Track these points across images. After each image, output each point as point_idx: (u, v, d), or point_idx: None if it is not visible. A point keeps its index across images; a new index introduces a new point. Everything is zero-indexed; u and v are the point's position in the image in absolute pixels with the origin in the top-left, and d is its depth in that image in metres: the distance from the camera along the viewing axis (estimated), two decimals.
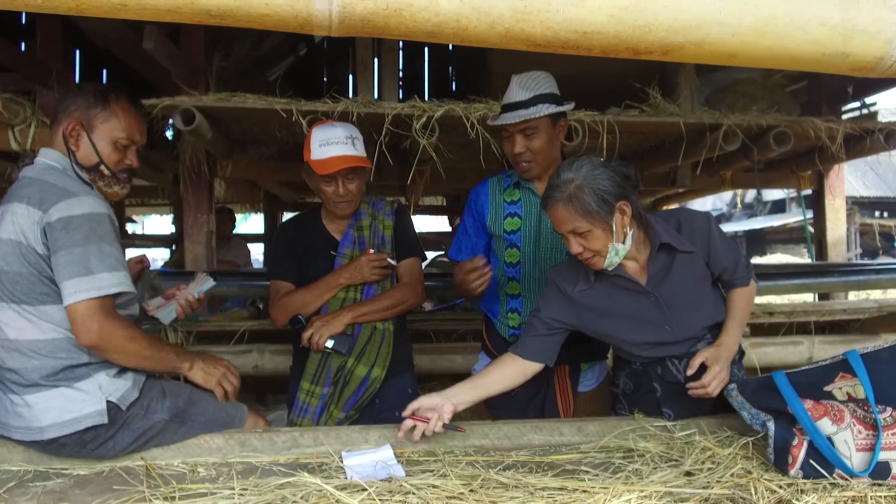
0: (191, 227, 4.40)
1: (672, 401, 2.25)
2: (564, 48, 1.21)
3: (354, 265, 2.59)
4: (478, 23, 1.14)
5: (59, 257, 1.89)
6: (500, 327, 2.65)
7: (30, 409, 1.93)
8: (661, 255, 2.14)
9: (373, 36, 1.19)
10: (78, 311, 1.88)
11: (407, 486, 1.68)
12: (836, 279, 3.85)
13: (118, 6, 1.03)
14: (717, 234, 2.18)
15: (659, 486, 1.67)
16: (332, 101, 3.49)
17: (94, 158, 2.07)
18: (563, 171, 2.03)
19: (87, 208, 1.93)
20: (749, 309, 2.27)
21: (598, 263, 2.08)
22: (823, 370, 1.96)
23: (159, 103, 3.43)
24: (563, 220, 2.03)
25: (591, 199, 1.98)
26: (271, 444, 2.06)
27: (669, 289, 2.15)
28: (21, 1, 1.03)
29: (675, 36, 1.18)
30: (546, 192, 2.07)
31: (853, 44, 1.21)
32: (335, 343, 2.48)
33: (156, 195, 7.94)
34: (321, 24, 1.12)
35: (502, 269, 2.64)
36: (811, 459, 1.78)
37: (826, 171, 5.17)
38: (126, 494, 1.75)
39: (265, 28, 1.14)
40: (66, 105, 2.08)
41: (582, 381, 2.64)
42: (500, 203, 2.63)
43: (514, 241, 2.60)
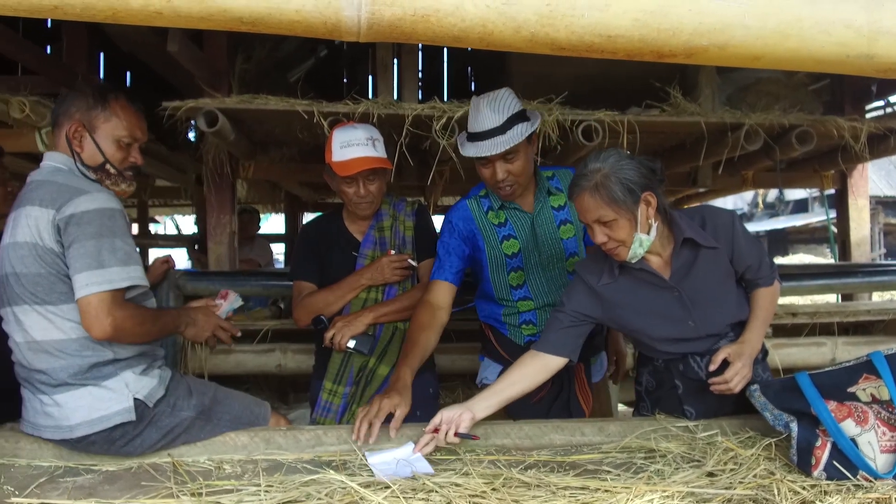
0: (213, 227, 4.44)
1: (694, 398, 2.25)
2: (589, 52, 1.22)
3: (376, 266, 2.61)
4: (503, 27, 1.15)
5: (72, 251, 1.92)
6: (515, 336, 2.60)
7: (59, 409, 1.97)
8: (684, 250, 2.15)
9: (400, 41, 1.21)
10: (91, 303, 1.90)
11: (430, 484, 1.69)
12: (860, 280, 3.80)
13: (154, 14, 1.05)
14: (742, 232, 2.19)
15: (681, 487, 1.68)
16: (352, 103, 3.51)
17: (98, 158, 2.10)
18: (591, 162, 2.05)
19: (99, 203, 1.96)
20: (773, 309, 2.26)
21: (622, 254, 2.09)
22: (847, 371, 1.95)
23: (183, 105, 3.47)
24: (588, 209, 2.04)
25: (617, 188, 2.00)
26: (295, 441, 2.09)
27: (693, 284, 2.16)
28: (61, 9, 1.05)
29: (700, 39, 1.19)
30: (573, 181, 2.07)
31: (878, 46, 1.21)
32: (357, 343, 2.51)
33: (178, 196, 8.02)
34: (350, 31, 1.14)
35: (508, 291, 2.56)
36: (835, 461, 1.77)
37: (849, 170, 5.11)
38: (154, 490, 1.78)
39: (295, 34, 1.16)
40: (65, 107, 2.09)
41: (592, 373, 2.65)
42: (489, 228, 2.53)
43: (516, 264, 2.53)
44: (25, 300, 1.97)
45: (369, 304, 2.63)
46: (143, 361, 2.07)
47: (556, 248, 2.54)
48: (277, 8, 1.08)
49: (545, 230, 2.54)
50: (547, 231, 2.54)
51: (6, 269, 2.00)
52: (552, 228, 2.55)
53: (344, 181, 2.57)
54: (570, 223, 2.57)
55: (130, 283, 1.97)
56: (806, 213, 16.90)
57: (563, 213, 2.57)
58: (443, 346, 3.26)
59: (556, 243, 2.54)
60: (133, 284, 1.98)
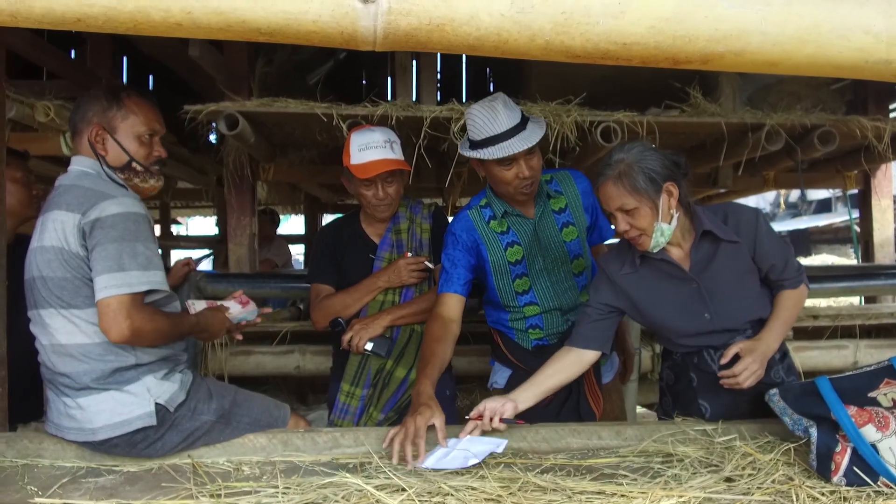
0: (234, 228, 4.48)
1: (708, 392, 2.27)
2: (604, 59, 1.22)
3: (393, 268, 2.63)
4: (518, 36, 1.16)
5: (94, 254, 1.94)
6: (522, 341, 2.60)
7: (82, 412, 2.00)
8: (704, 243, 2.19)
9: (415, 50, 1.22)
10: (110, 305, 1.91)
11: (446, 488, 1.70)
12: (883, 282, 3.74)
13: (174, 26, 1.07)
14: (766, 230, 2.20)
15: (698, 492, 1.67)
16: (371, 105, 3.53)
17: (124, 158, 2.12)
18: (616, 153, 2.12)
19: (123, 208, 1.98)
20: (796, 311, 2.25)
21: (644, 243, 2.13)
22: (868, 376, 1.93)
23: (204, 109, 3.51)
24: (611, 197, 2.10)
25: (640, 177, 2.06)
26: (313, 444, 2.11)
27: (712, 277, 2.19)
28: (84, 22, 1.07)
29: (716, 46, 1.18)
30: (599, 171, 2.13)
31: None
32: (374, 345, 2.52)
33: (200, 197, 8.10)
34: (366, 41, 1.16)
35: (514, 298, 2.56)
36: (855, 467, 1.75)
37: (872, 170, 5.05)
38: (174, 491, 1.80)
39: (312, 44, 1.18)
40: (82, 114, 2.11)
41: (602, 374, 2.64)
42: (492, 236, 2.53)
43: (521, 271, 2.53)
44: (51, 304, 2.00)
45: (386, 306, 2.65)
46: (165, 366, 2.09)
47: (559, 251, 2.55)
48: (295, 19, 1.10)
49: (548, 234, 2.54)
50: (550, 235, 2.54)
51: (33, 273, 2.04)
52: (555, 232, 2.55)
53: (362, 184, 2.59)
54: (573, 225, 2.57)
55: (149, 288, 1.98)
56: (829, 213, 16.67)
57: (564, 216, 2.57)
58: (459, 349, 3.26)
59: (559, 247, 2.54)
60: (152, 289, 2.00)
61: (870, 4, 1.18)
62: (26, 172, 2.76)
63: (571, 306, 2.57)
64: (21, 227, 2.78)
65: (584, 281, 2.60)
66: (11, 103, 3.41)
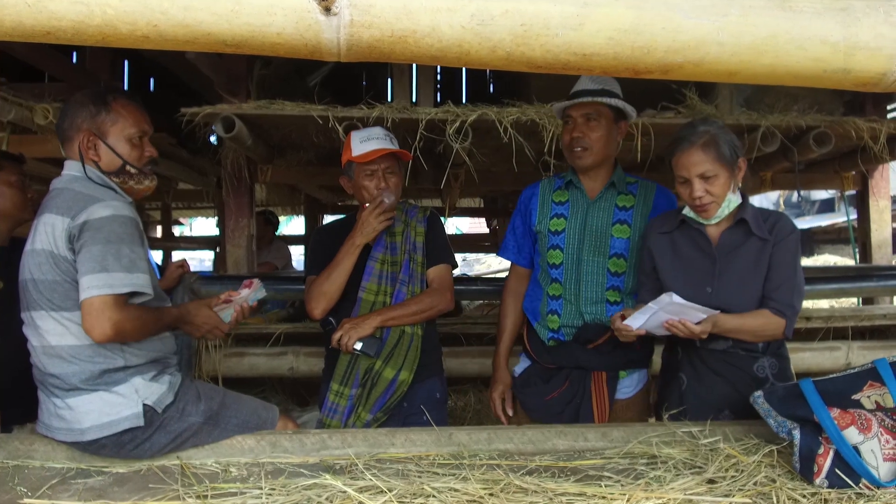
0: (232, 230, 4.51)
1: (688, 366, 2.40)
2: (565, 69, 1.24)
3: (361, 223, 2.63)
4: (479, 47, 1.17)
5: (80, 256, 1.96)
6: (540, 330, 2.65)
7: (71, 412, 2.02)
8: (738, 230, 2.33)
9: (380, 60, 1.24)
10: (93, 305, 1.92)
11: (428, 489, 1.72)
12: (875, 283, 3.75)
13: (141, 38, 1.09)
14: (792, 250, 2.31)
15: (678, 494, 1.68)
16: (367, 108, 3.55)
17: (117, 162, 2.13)
18: (698, 125, 2.27)
19: (111, 211, 1.99)
20: (755, 330, 2.30)
21: (711, 211, 2.28)
22: (852, 378, 1.94)
23: (201, 111, 3.53)
24: (695, 163, 2.22)
25: (725, 147, 2.23)
26: (301, 445, 2.12)
27: (730, 261, 2.31)
28: (53, 35, 1.09)
29: (674, 56, 1.20)
30: (678, 138, 2.26)
31: (855, 60, 1.21)
32: (364, 345, 2.53)
33: (201, 199, 8.12)
34: (330, 52, 1.18)
35: (546, 271, 2.66)
36: (837, 469, 1.76)
37: (870, 171, 5.04)
38: (161, 492, 1.82)
39: (278, 55, 1.19)
40: (71, 121, 2.11)
41: (620, 388, 2.61)
42: (548, 203, 2.68)
43: (557, 242, 2.63)
44: (42, 306, 2.03)
45: (377, 307, 2.66)
46: (153, 368, 2.11)
47: (602, 239, 2.58)
48: (260, 31, 1.11)
49: (598, 219, 2.60)
50: (599, 221, 2.60)
51: (26, 276, 2.06)
52: (606, 221, 2.60)
53: (365, 174, 2.64)
54: (629, 226, 2.59)
55: (132, 289, 1.99)
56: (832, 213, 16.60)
57: (624, 214, 2.60)
58: (452, 350, 3.30)
59: (604, 235, 2.58)
60: (135, 291, 2.00)
61: (827, 14, 1.19)
62: (21, 176, 2.78)
63: (592, 299, 2.58)
64: (17, 231, 2.81)
65: (619, 283, 2.59)
66: (10, 106, 3.45)
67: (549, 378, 2.61)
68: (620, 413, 2.62)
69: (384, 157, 2.64)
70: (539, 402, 2.59)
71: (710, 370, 2.35)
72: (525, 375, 2.70)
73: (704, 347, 2.35)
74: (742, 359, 2.33)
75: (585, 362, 2.55)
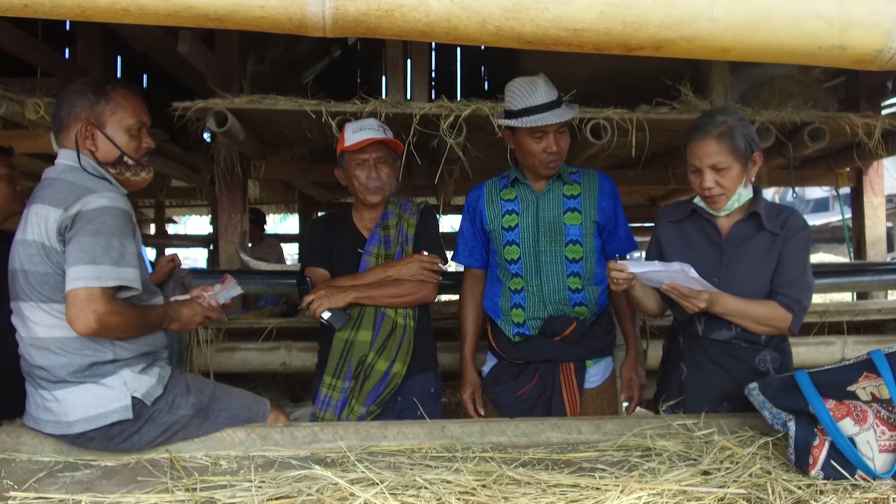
0: (224, 226, 4.48)
1: (688, 355, 2.40)
2: (556, 45, 1.22)
3: (407, 261, 2.64)
4: (468, 21, 1.15)
5: (69, 246, 1.92)
6: (505, 327, 2.66)
7: (59, 405, 1.99)
8: (749, 223, 2.31)
9: (367, 36, 1.21)
10: (78, 296, 1.88)
11: (420, 481, 1.70)
12: (870, 278, 3.74)
13: (120, 11, 1.07)
14: (803, 246, 2.30)
15: (672, 485, 1.66)
16: (360, 102, 3.53)
17: (115, 152, 2.10)
18: (716, 114, 2.25)
19: (104, 202, 1.96)
20: (759, 318, 2.28)
21: (721, 203, 2.27)
22: (847, 369, 1.93)
23: (193, 106, 3.51)
24: (709, 153, 2.21)
25: (741, 140, 2.20)
26: (292, 438, 2.10)
27: (739, 254, 2.30)
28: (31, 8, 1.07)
29: (667, 32, 1.18)
30: (695, 126, 2.25)
31: (850, 37, 1.19)
32: (331, 316, 2.50)
33: (195, 196, 8.10)
34: (315, 26, 1.15)
35: (505, 268, 2.68)
36: (832, 460, 1.75)
37: (865, 167, 5.04)
38: (150, 485, 1.80)
39: (262, 30, 1.17)
40: (68, 109, 2.07)
41: (588, 377, 2.64)
42: (496, 202, 2.70)
43: (512, 238, 2.65)
44: (31, 297, 2.00)
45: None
46: (143, 361, 2.08)
47: (556, 229, 2.63)
48: (242, 4, 1.09)
49: (549, 211, 2.64)
50: (551, 211, 2.63)
51: (15, 266, 2.03)
52: (557, 211, 2.64)
53: (357, 164, 2.65)
54: (579, 213, 2.64)
55: (120, 283, 1.95)
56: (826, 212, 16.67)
57: (573, 202, 2.65)
58: (445, 345, 3.27)
59: (557, 225, 2.63)
60: (123, 285, 1.97)
61: None
62: (10, 168, 2.75)
63: (555, 289, 2.61)
64: (5, 224, 2.78)
65: (578, 270, 2.62)
66: (1, 100, 3.41)
67: (517, 374, 2.63)
68: (590, 402, 2.64)
69: (376, 147, 2.64)
70: (510, 398, 2.61)
71: (711, 361, 2.35)
72: (493, 373, 2.71)
73: (706, 337, 2.35)
74: (744, 351, 2.33)
75: (553, 354, 2.58)
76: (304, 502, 1.62)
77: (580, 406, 2.58)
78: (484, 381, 2.74)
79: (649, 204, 7.64)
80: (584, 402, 2.61)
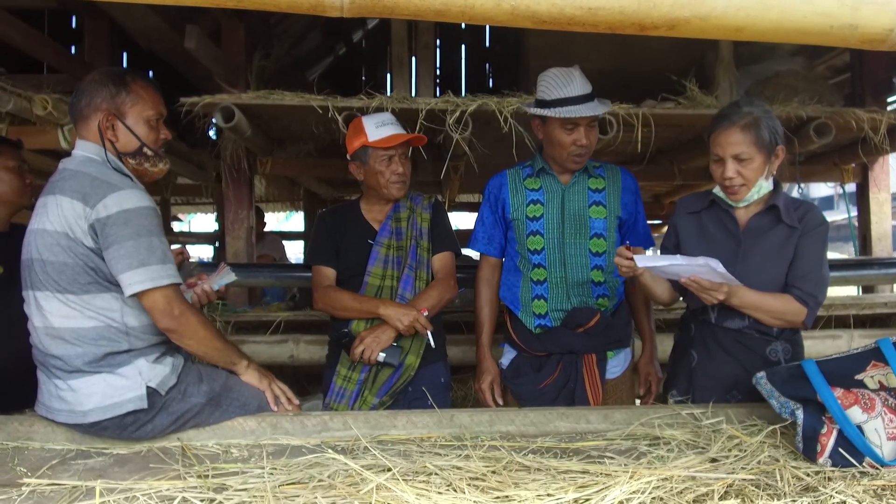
0: (231, 222, 4.50)
1: (700, 343, 2.41)
2: (570, 24, 1.22)
3: (405, 310, 2.58)
4: (484, 0, 1.16)
5: (111, 251, 1.95)
6: (525, 318, 2.66)
7: (73, 394, 2.00)
8: (767, 216, 2.31)
9: (383, 16, 1.22)
10: (157, 299, 1.98)
11: (430, 467, 1.71)
12: (876, 272, 3.75)
13: None
14: (820, 241, 2.30)
15: (681, 471, 1.67)
16: (367, 98, 3.55)
17: (134, 143, 2.13)
18: (743, 104, 2.24)
19: (134, 203, 1.98)
20: (774, 311, 2.28)
21: (741, 194, 2.27)
22: (855, 358, 1.94)
23: (200, 101, 3.52)
24: (733, 143, 2.20)
25: (766, 132, 2.20)
26: (302, 427, 2.12)
27: (756, 246, 2.30)
28: None
29: (681, 10, 1.19)
30: (720, 115, 2.25)
31: (861, 15, 1.20)
32: (387, 355, 2.54)
33: (200, 194, 8.11)
34: (333, 6, 1.16)
35: (526, 257, 2.66)
36: (840, 448, 1.76)
37: (870, 163, 5.04)
38: (162, 472, 1.81)
39: (280, 10, 1.18)
40: (89, 99, 2.10)
41: (609, 368, 2.65)
42: (521, 191, 2.69)
43: (536, 228, 2.64)
44: (48, 287, 2.01)
45: (385, 291, 2.67)
46: (156, 350, 2.10)
47: (581, 221, 2.63)
48: None
49: (574, 203, 2.64)
50: (576, 204, 2.64)
51: (32, 255, 2.03)
52: (583, 204, 2.65)
53: (381, 159, 2.66)
54: (604, 207, 2.65)
55: (170, 281, 2.01)
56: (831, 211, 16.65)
57: (598, 196, 2.67)
58: (454, 338, 3.29)
59: (582, 217, 2.63)
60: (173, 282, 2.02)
61: None
62: (20, 161, 2.77)
63: (578, 281, 2.62)
64: (15, 217, 2.79)
65: (601, 263, 2.63)
66: (9, 96, 3.43)
67: (539, 366, 2.63)
68: (611, 393, 2.66)
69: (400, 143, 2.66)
70: (533, 390, 2.60)
71: (722, 349, 2.35)
72: (514, 366, 2.70)
73: (719, 325, 2.36)
74: (756, 341, 2.34)
75: (576, 346, 2.58)
76: (315, 488, 1.63)
77: (602, 397, 2.58)
78: (504, 373, 2.73)
79: (653, 201, 7.63)
80: (606, 392, 2.61)
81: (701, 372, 2.38)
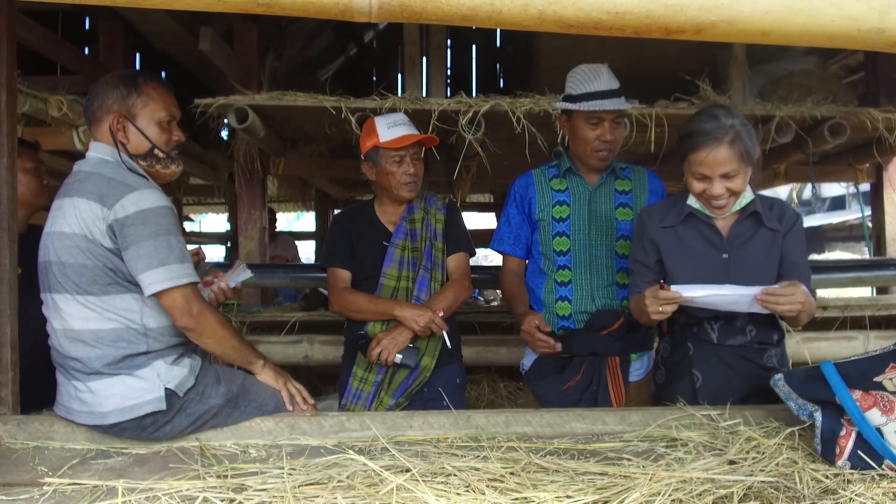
0: (244, 223, 4.52)
1: (702, 363, 2.33)
2: (597, 29, 1.23)
3: (421, 311, 2.59)
4: (511, 6, 1.17)
5: (132, 252, 1.97)
6: (549, 320, 2.62)
7: (93, 396, 2.02)
8: (747, 222, 2.26)
9: (410, 21, 1.23)
10: (177, 298, 2.00)
11: (449, 468, 1.71)
12: (892, 272, 3.72)
13: None
14: (802, 237, 2.28)
15: (700, 473, 1.67)
16: (379, 98, 3.56)
17: (146, 145, 2.13)
18: (721, 116, 2.14)
19: (152, 202, 2.00)
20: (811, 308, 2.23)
21: (728, 206, 2.21)
22: (874, 360, 1.93)
23: (214, 102, 3.54)
24: (722, 162, 2.11)
25: (749, 143, 2.13)
26: (319, 427, 2.13)
27: (743, 254, 2.25)
28: None
29: (708, 14, 1.19)
30: (699, 132, 2.13)
31: (889, 19, 1.19)
32: (403, 357, 2.55)
33: (212, 194, 8.15)
34: (361, 11, 1.17)
35: (551, 259, 2.66)
36: (859, 450, 1.75)
37: (885, 163, 5.00)
38: (181, 472, 1.82)
39: (308, 16, 1.19)
40: (100, 102, 2.11)
41: (632, 371, 2.64)
42: (547, 191, 2.67)
43: (563, 229, 2.64)
44: (67, 289, 2.02)
45: (400, 292, 2.67)
46: (174, 352, 2.11)
47: (608, 223, 2.64)
48: None
49: (601, 205, 2.65)
50: (603, 206, 2.65)
51: (50, 257, 2.05)
52: (610, 206, 2.65)
53: (393, 160, 2.66)
54: (631, 209, 2.66)
55: (189, 280, 2.02)
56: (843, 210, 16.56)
57: (625, 197, 2.67)
58: (468, 339, 3.30)
59: (609, 219, 2.64)
60: (191, 281, 2.04)
61: None
62: (37, 163, 2.79)
63: (604, 284, 2.62)
64: (33, 218, 2.82)
65: (626, 265, 2.61)
66: (25, 98, 3.45)
67: (562, 368, 2.61)
68: (633, 396, 2.65)
69: (412, 143, 2.66)
70: (555, 392, 2.58)
71: (727, 366, 2.31)
72: (536, 367, 2.69)
73: (722, 344, 2.31)
74: (755, 352, 2.33)
75: (599, 348, 2.56)
76: (335, 488, 1.64)
77: (625, 400, 2.55)
78: (526, 375, 2.72)
79: None
80: (628, 395, 2.59)
81: (707, 391, 2.30)
